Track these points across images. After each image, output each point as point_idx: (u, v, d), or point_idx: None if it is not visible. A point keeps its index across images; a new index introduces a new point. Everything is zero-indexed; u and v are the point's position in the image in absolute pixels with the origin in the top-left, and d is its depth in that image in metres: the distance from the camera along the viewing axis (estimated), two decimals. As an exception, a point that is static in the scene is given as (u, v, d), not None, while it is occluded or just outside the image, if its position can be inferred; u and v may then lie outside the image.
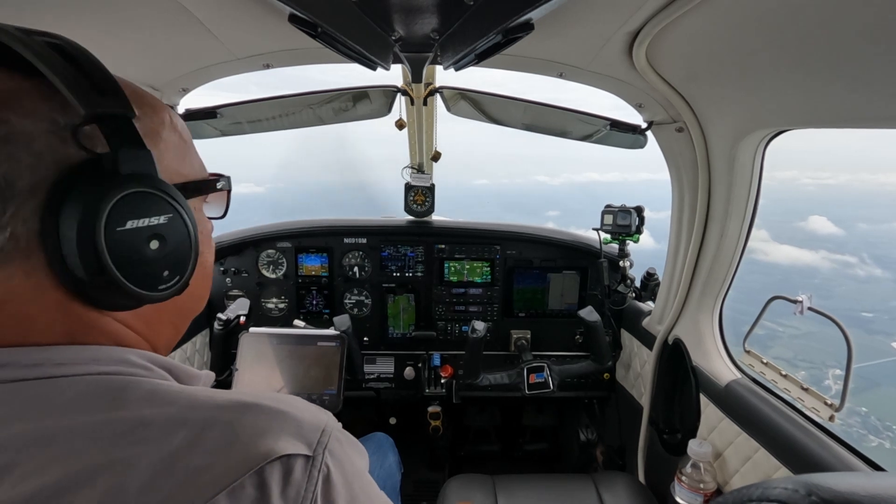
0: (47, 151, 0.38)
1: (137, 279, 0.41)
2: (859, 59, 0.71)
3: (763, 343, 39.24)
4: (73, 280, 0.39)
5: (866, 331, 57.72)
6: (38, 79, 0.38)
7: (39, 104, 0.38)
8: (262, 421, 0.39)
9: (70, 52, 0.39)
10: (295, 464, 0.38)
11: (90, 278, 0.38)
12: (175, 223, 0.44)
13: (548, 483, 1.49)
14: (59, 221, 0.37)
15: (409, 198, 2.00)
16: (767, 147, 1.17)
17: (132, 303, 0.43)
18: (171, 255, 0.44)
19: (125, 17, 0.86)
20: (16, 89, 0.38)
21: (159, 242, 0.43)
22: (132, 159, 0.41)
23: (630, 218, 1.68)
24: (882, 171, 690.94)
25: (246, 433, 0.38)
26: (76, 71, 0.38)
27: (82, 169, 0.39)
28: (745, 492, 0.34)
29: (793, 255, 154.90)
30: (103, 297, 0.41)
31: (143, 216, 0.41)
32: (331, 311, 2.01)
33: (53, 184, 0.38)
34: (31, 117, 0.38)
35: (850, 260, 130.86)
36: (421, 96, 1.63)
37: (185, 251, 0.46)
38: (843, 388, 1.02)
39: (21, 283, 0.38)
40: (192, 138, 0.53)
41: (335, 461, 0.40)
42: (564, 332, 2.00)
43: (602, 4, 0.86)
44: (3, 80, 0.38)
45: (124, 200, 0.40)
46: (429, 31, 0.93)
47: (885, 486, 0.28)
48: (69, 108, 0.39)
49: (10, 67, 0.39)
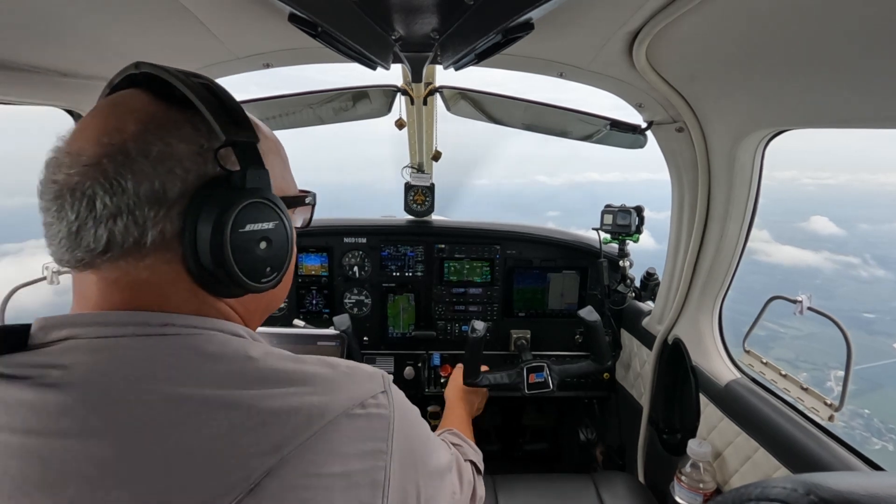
0: (193, 168, 0.48)
1: (247, 272, 0.51)
2: (859, 59, 0.71)
3: (764, 344, 38.97)
4: (200, 269, 0.49)
5: (868, 332, 57.35)
6: (191, 111, 0.49)
7: (192, 131, 0.49)
8: (353, 373, 0.54)
9: (215, 91, 0.51)
10: (381, 396, 0.54)
11: (214, 268, 0.48)
12: (279, 229, 0.54)
13: (547, 483, 1.49)
14: (196, 223, 0.48)
15: (409, 197, 2.00)
16: (767, 147, 1.17)
17: (240, 291, 0.53)
18: (273, 254, 0.54)
19: (124, 17, 0.86)
20: (177, 119, 0.49)
21: (266, 244, 0.53)
22: (255, 176, 0.51)
23: (630, 218, 1.69)
24: (882, 171, 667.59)
25: (345, 380, 0.52)
26: (220, 106, 0.49)
27: (217, 182, 0.49)
28: (744, 491, 0.34)
29: (795, 256, 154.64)
30: (220, 285, 0.51)
31: (258, 222, 0.52)
32: (331, 310, 2.01)
33: (194, 193, 0.48)
34: (185, 142, 0.48)
35: (852, 261, 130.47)
36: (421, 96, 1.63)
37: (284, 252, 0.56)
38: (842, 388, 1.02)
39: (162, 268, 0.48)
40: (287, 158, 0.64)
41: (393, 393, 0.57)
42: (564, 332, 2.00)
43: (602, 4, 0.86)
44: (169, 111, 0.49)
45: (246, 208, 0.50)
46: (429, 31, 0.93)
47: (885, 486, 0.28)
48: (212, 134, 0.49)
49: (171, 102, 0.50)
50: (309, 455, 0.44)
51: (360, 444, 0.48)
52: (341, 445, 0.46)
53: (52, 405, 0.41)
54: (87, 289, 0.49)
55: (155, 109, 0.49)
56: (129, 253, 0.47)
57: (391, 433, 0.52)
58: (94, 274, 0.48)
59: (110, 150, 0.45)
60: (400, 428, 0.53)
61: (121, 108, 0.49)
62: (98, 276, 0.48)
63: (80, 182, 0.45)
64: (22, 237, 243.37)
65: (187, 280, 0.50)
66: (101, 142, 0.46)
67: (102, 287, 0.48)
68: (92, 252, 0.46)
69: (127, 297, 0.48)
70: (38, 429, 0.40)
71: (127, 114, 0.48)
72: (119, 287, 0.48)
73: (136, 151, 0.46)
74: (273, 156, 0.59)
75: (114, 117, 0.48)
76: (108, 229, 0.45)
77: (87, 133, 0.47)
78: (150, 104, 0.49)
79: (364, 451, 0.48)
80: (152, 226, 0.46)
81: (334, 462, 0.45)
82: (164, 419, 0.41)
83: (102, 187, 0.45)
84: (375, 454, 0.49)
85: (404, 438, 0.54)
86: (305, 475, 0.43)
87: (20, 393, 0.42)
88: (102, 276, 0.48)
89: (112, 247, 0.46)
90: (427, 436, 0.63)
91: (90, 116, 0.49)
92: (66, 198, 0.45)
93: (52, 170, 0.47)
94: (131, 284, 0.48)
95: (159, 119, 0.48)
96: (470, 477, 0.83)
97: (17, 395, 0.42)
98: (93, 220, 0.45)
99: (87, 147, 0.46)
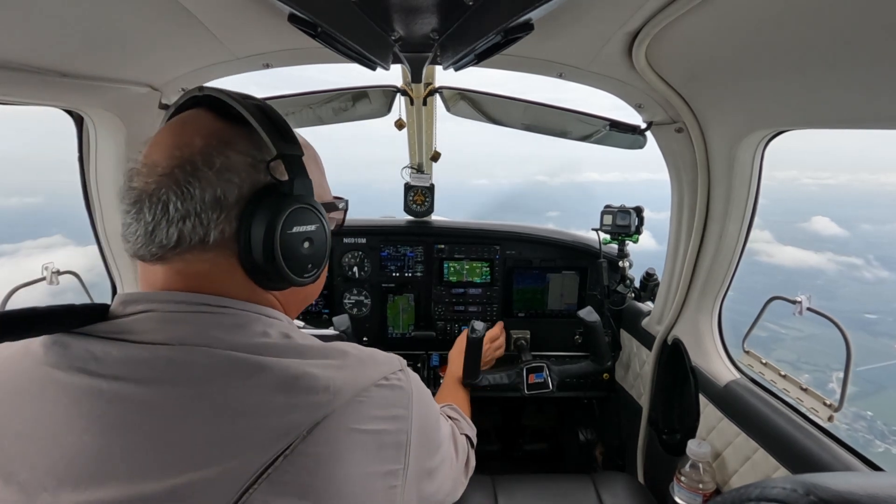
0: (247, 177, 0.56)
1: (293, 268, 0.58)
2: (859, 59, 0.71)
3: (766, 345, 38.60)
4: (252, 264, 0.56)
5: (870, 333, 56.89)
6: (246, 128, 0.57)
7: (247, 145, 0.57)
8: (376, 353, 0.63)
9: (266, 111, 0.58)
10: (399, 372, 0.62)
11: (265, 264, 0.56)
12: (319, 231, 0.62)
13: (547, 483, 1.49)
14: (251, 224, 0.55)
15: (409, 198, 2.00)
16: (767, 147, 1.17)
17: (285, 285, 0.61)
18: (314, 253, 0.61)
19: (125, 18, 0.86)
20: (234, 135, 0.57)
21: (309, 243, 0.60)
22: (301, 186, 0.59)
23: (629, 218, 1.68)
24: (882, 171, 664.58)
25: (373, 359, 0.61)
26: (270, 124, 0.57)
27: (268, 190, 0.57)
28: (743, 491, 0.34)
29: (797, 257, 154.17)
30: (269, 278, 0.58)
31: (303, 224, 0.59)
32: (330, 311, 2.01)
33: (249, 199, 0.56)
34: (241, 154, 0.56)
35: (855, 262, 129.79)
36: (420, 96, 1.63)
37: (323, 252, 0.63)
38: (842, 389, 1.02)
39: (221, 262, 0.57)
40: (324, 168, 0.73)
41: (409, 372, 0.65)
42: (564, 333, 2.00)
43: (601, 5, 0.87)
44: (227, 128, 0.57)
45: (294, 213, 0.57)
46: (428, 32, 0.93)
47: (884, 486, 0.28)
48: (264, 147, 0.57)
49: (229, 120, 0.58)
50: (349, 413, 0.52)
51: (386, 409, 0.57)
52: (371, 409, 0.55)
53: (135, 359, 0.49)
54: (153, 277, 0.57)
55: (217, 127, 0.57)
56: (195, 248, 0.55)
57: (411, 403, 0.61)
58: (163, 265, 0.56)
59: (181, 162, 0.53)
60: (417, 400, 0.63)
61: (189, 126, 0.57)
62: (166, 267, 0.56)
63: (157, 189, 0.53)
64: (18, 238, 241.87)
65: (241, 273, 0.58)
66: (174, 155, 0.54)
67: (170, 275, 0.56)
68: (164, 247, 0.54)
69: (190, 284, 0.56)
70: (124, 375, 0.48)
71: (194, 131, 0.56)
72: (183, 276, 0.56)
73: (203, 163, 0.54)
74: (313, 166, 0.66)
75: (184, 134, 0.56)
76: (179, 229, 0.53)
77: (162, 147, 0.55)
78: (212, 122, 0.58)
79: (390, 416, 0.57)
80: (214, 226, 0.54)
81: (367, 422, 0.54)
82: (223, 374, 0.49)
83: (175, 193, 0.53)
84: (399, 419, 0.58)
85: (420, 410, 0.63)
86: (346, 430, 0.51)
87: (110, 348, 0.50)
88: (170, 268, 0.56)
89: (181, 243, 0.54)
90: (436, 411, 0.73)
91: (163, 134, 0.58)
92: (144, 202, 0.53)
93: (131, 178, 0.55)
94: (194, 274, 0.56)
95: (220, 135, 0.56)
96: (465, 447, 0.93)
97: (107, 349, 0.50)
98: (166, 221, 0.53)
99: (161, 159, 0.54)
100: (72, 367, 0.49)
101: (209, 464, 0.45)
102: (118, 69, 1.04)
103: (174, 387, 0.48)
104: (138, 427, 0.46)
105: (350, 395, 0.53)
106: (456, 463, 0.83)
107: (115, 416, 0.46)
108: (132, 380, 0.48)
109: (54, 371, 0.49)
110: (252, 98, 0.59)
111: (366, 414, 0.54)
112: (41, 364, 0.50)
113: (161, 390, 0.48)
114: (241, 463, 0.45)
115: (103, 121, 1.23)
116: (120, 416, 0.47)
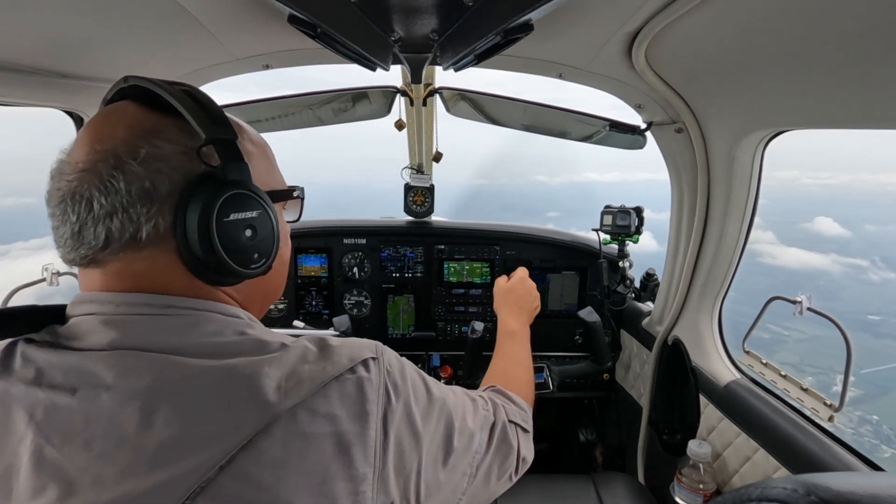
0: (179, 166, 0.52)
1: (236, 259, 0.54)
2: (859, 59, 0.71)
3: (768, 347, 37.84)
4: (192, 258, 0.52)
5: (874, 335, 55.94)
6: (176, 116, 0.53)
7: (176, 134, 0.53)
8: (345, 343, 0.58)
9: (195, 95, 0.54)
10: (370, 361, 0.56)
11: (204, 256, 0.52)
12: (263, 218, 0.57)
13: (547, 483, 1.49)
14: (185, 215, 0.51)
15: (409, 198, 2.00)
16: (767, 148, 1.17)
17: (234, 279, 0.57)
18: (260, 242, 0.57)
19: (124, 19, 0.86)
20: (163, 124, 0.53)
21: (251, 231, 0.56)
22: (235, 170, 0.55)
23: (629, 218, 1.69)
24: (882, 171, 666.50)
25: (337, 350, 0.56)
26: (199, 109, 0.53)
27: (202, 178, 0.53)
28: (744, 492, 0.34)
29: (800, 258, 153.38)
30: (213, 272, 0.54)
31: (241, 211, 0.55)
32: (330, 311, 2.01)
33: (182, 189, 0.52)
34: (171, 143, 0.52)
35: (860, 263, 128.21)
36: (420, 97, 1.63)
37: (270, 240, 0.59)
38: (842, 389, 1.02)
39: (159, 259, 0.52)
40: (274, 158, 0.68)
41: (388, 358, 0.60)
42: (564, 333, 2.00)
43: (601, 5, 0.87)
44: (155, 118, 0.54)
45: (229, 199, 0.53)
46: (428, 32, 0.93)
47: (884, 486, 0.28)
48: (195, 135, 0.53)
49: (156, 108, 0.54)
50: (301, 415, 0.48)
51: (350, 405, 0.52)
52: (330, 407, 0.50)
53: (73, 367, 0.47)
54: (91, 284, 0.54)
55: (143, 116, 0.54)
56: (127, 246, 0.51)
57: (384, 395, 0.55)
58: (99, 268, 0.53)
59: (103, 155, 0.50)
60: (395, 390, 0.57)
61: (112, 118, 0.54)
62: (102, 270, 0.53)
63: (79, 186, 0.50)
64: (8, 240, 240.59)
65: (182, 269, 0.54)
66: (95, 149, 0.50)
67: (107, 279, 0.53)
68: (93, 248, 0.50)
69: (129, 285, 0.52)
70: (61, 384, 0.46)
71: (117, 122, 0.53)
72: (121, 278, 0.53)
73: (126, 154, 0.50)
74: (259, 154, 0.63)
75: (106, 126, 0.53)
76: (106, 227, 0.50)
77: (83, 142, 0.52)
78: (138, 112, 0.54)
79: (354, 413, 0.52)
80: (146, 221, 0.50)
81: (325, 423, 0.49)
82: (161, 379, 0.46)
83: (98, 189, 0.49)
84: (365, 416, 0.52)
85: (401, 400, 0.57)
86: (297, 434, 0.47)
87: (50, 356, 0.48)
88: (105, 270, 0.53)
89: (111, 242, 0.50)
90: (433, 399, 0.64)
91: (86, 128, 0.54)
92: (67, 202, 0.50)
93: (55, 179, 0.52)
94: (132, 275, 0.53)
95: (146, 124, 0.53)
96: (505, 436, 0.76)
97: (47, 357, 0.48)
98: (92, 219, 0.49)
99: (82, 155, 0.51)
100: (13, 377, 0.48)
101: (143, 475, 0.42)
102: (117, 70, 1.04)
103: (110, 394, 0.45)
104: (75, 438, 0.44)
105: (305, 394, 0.49)
106: (482, 458, 0.70)
107: (50, 426, 0.44)
108: (68, 388, 0.46)
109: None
110: (181, 84, 0.55)
111: (323, 413, 0.49)
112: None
113: (97, 399, 0.45)
114: (178, 472, 0.43)
115: (103, 122, 1.23)
116: (55, 426, 0.44)
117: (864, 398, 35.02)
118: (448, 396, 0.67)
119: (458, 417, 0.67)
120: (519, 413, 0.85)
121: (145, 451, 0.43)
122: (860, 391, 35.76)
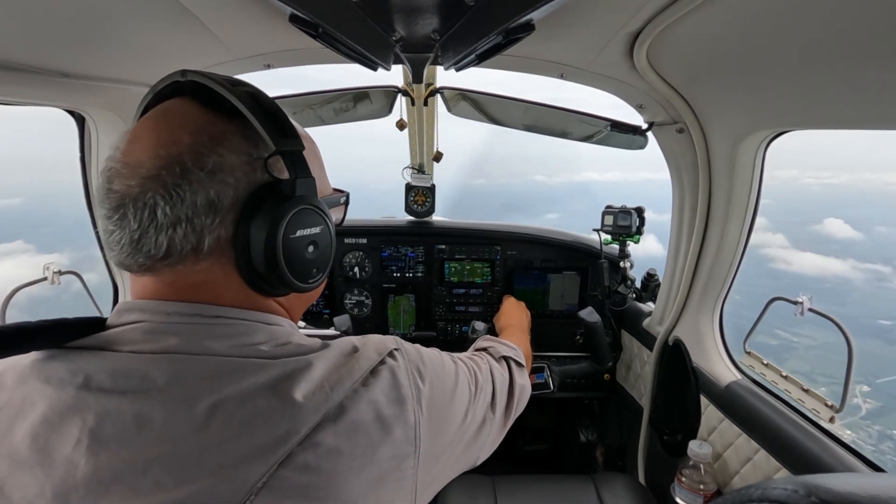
0: (243, 177, 0.51)
1: (296, 274, 0.54)
2: (860, 59, 0.71)
3: (778, 354, 35.77)
4: (251, 272, 0.52)
5: (886, 341, 54.02)
6: (239, 120, 0.52)
7: (241, 142, 0.52)
8: (368, 340, 0.60)
9: (261, 100, 0.52)
10: (395, 352, 0.60)
11: (266, 271, 0.52)
12: (324, 233, 0.57)
13: (548, 484, 1.49)
14: (249, 228, 0.50)
15: (410, 198, 2.00)
16: (768, 148, 1.17)
17: (288, 291, 0.57)
18: (319, 257, 0.57)
19: (125, 17, 0.86)
20: (227, 130, 0.51)
21: (314, 247, 0.56)
22: (303, 185, 0.54)
23: (630, 219, 1.68)
24: (883, 170, 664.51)
25: (364, 347, 0.58)
26: (266, 115, 0.51)
27: (268, 190, 0.52)
28: (745, 492, 0.33)
29: (805, 259, 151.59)
30: (271, 286, 0.54)
31: (307, 227, 0.54)
32: (331, 311, 2.01)
33: (246, 201, 0.51)
34: (235, 152, 0.51)
35: (873, 267, 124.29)
36: (421, 97, 1.63)
37: (328, 254, 0.59)
38: (843, 390, 1.02)
39: (216, 270, 0.52)
40: (322, 157, 0.67)
41: (407, 347, 0.63)
42: (564, 333, 2.00)
43: (603, 5, 0.86)
44: (218, 123, 0.52)
45: (297, 215, 0.53)
46: (429, 32, 0.93)
47: (885, 487, 0.28)
48: (261, 143, 0.52)
49: (218, 111, 0.52)
50: (348, 406, 0.50)
51: (387, 393, 0.55)
52: (372, 395, 0.53)
53: (121, 370, 0.47)
54: (143, 290, 0.53)
55: (205, 120, 0.52)
56: (187, 258, 0.50)
57: (415, 379, 0.59)
58: (152, 276, 0.52)
59: (168, 163, 0.48)
60: (421, 371, 0.61)
61: (172, 120, 0.51)
62: (155, 277, 0.52)
63: (142, 193, 0.48)
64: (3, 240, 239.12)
65: (238, 280, 0.53)
66: (159, 154, 0.49)
67: (159, 287, 0.52)
68: (153, 258, 0.49)
69: (183, 295, 0.52)
70: (111, 387, 0.46)
71: (179, 125, 0.51)
72: (175, 288, 0.52)
73: (192, 163, 0.49)
74: (313, 159, 0.61)
75: (168, 129, 0.50)
76: (169, 237, 0.48)
77: (144, 144, 0.50)
78: (200, 115, 0.52)
79: (392, 399, 0.55)
80: (209, 233, 0.49)
81: (368, 409, 0.52)
82: (214, 381, 0.47)
83: (163, 198, 0.48)
84: (403, 400, 0.56)
85: (430, 381, 0.61)
86: (346, 423, 0.49)
87: (97, 360, 0.48)
88: (159, 279, 0.52)
89: (172, 252, 0.49)
90: (447, 374, 0.68)
91: (144, 127, 0.52)
92: (128, 207, 0.48)
93: (110, 180, 0.50)
94: (186, 286, 0.52)
95: (210, 130, 0.51)
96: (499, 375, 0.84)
97: (94, 361, 0.48)
98: (154, 228, 0.48)
99: (145, 159, 0.49)
100: (60, 382, 0.47)
101: (204, 475, 0.43)
102: (119, 69, 1.04)
103: (163, 396, 0.45)
104: (129, 441, 0.44)
105: (348, 388, 0.51)
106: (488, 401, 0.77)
107: (104, 431, 0.44)
108: (118, 391, 0.45)
109: (45, 387, 0.47)
110: (242, 84, 0.53)
111: (366, 401, 0.52)
112: (28, 380, 0.48)
113: (149, 401, 0.45)
114: (239, 470, 0.43)
115: (105, 121, 1.24)
116: (109, 430, 0.44)
117: (882, 411, 32.64)
118: (458, 364, 0.74)
119: (472, 380, 0.73)
120: (508, 349, 0.94)
121: (204, 452, 0.44)
122: (878, 403, 33.44)
